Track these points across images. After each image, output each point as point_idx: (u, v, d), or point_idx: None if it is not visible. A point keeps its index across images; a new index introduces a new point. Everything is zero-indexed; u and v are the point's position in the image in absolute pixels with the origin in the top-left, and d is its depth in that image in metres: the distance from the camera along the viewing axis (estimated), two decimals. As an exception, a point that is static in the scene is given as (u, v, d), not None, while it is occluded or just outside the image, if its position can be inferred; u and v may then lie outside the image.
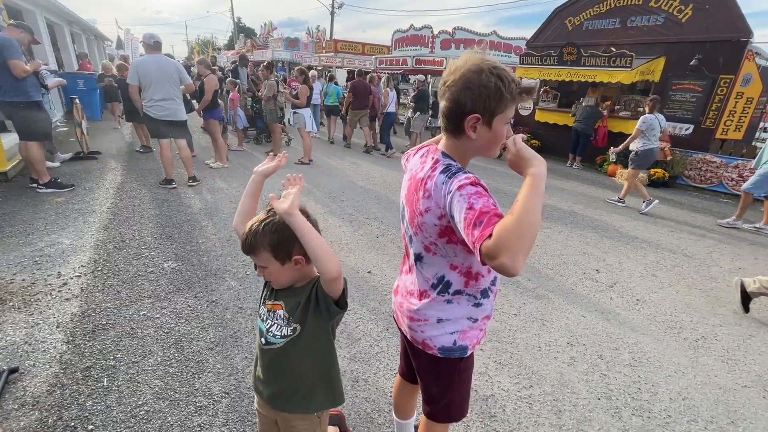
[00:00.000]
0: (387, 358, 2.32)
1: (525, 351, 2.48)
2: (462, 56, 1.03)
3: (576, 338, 2.66)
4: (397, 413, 1.66)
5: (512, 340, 2.57)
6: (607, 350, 2.56)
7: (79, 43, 14.81)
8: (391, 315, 2.74)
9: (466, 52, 1.03)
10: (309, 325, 1.13)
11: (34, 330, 2.35)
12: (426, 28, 12.81)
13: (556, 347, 2.54)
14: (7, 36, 4.33)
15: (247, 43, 28.56)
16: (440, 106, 1.09)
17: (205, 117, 6.30)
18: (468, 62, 1.00)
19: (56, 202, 4.38)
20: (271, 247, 1.07)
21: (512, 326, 2.73)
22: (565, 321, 2.85)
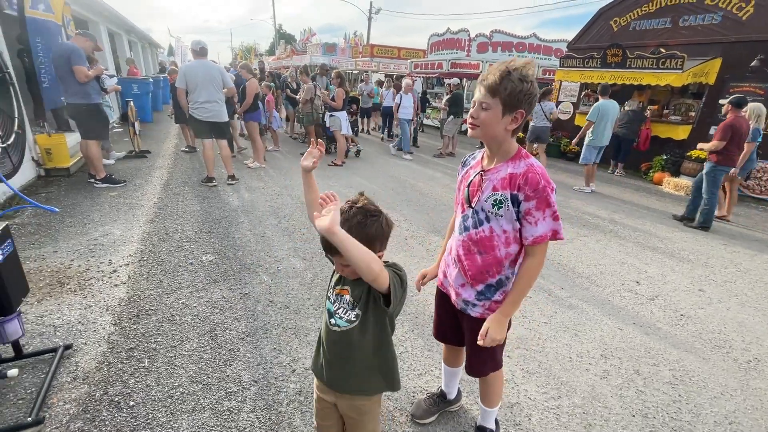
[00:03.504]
0: (411, 358, 2.32)
1: (555, 361, 2.40)
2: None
3: (611, 351, 2.53)
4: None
5: (541, 349, 2.49)
6: (645, 366, 2.42)
7: (136, 50, 15.94)
8: (416, 316, 2.75)
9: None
10: (371, 313, 1.20)
11: (87, 311, 2.56)
12: (463, 31, 12.71)
13: (589, 359, 2.44)
14: (74, 44, 4.76)
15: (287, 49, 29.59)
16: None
17: (245, 119, 6.59)
18: None
19: (110, 196, 4.74)
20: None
21: (542, 335, 2.64)
22: (599, 332, 2.72)
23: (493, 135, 1.25)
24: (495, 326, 1.35)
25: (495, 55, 12.38)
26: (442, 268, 1.59)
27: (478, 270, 1.37)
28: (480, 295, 1.40)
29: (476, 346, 1.40)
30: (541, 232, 1.24)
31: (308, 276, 3.16)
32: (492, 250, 1.32)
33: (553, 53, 12.71)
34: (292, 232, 4.03)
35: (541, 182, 1.21)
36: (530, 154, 1.30)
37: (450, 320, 1.61)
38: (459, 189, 1.45)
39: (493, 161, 1.32)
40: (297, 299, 2.83)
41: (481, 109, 1.23)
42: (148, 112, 10.84)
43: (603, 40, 8.77)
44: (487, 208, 1.28)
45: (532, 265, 1.29)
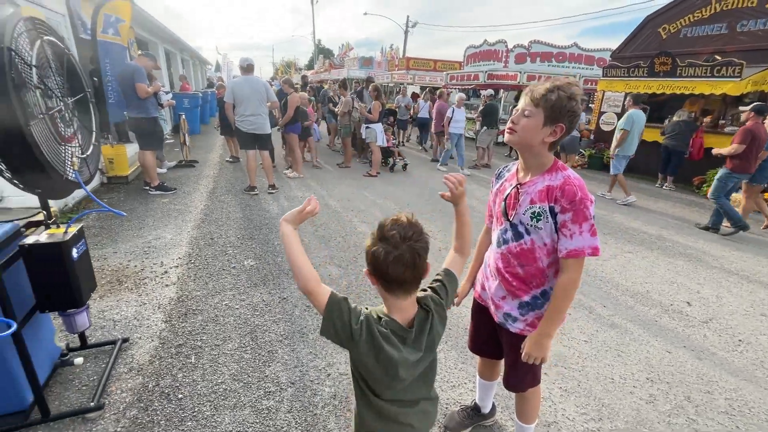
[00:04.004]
0: (444, 369, 2.31)
1: (595, 381, 2.30)
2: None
3: (658, 375, 2.39)
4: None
5: (581, 368, 2.40)
6: (696, 393, 2.26)
7: (187, 67, 17.13)
8: (449, 327, 2.73)
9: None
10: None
11: (142, 309, 2.76)
12: (500, 42, 12.62)
13: (633, 381, 2.31)
14: (137, 64, 5.23)
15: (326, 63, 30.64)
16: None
17: (285, 131, 6.89)
18: None
19: (162, 203, 5.10)
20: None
21: (582, 353, 2.54)
22: (645, 354, 2.58)
23: (528, 143, 1.26)
24: (533, 346, 1.33)
25: (534, 66, 12.17)
26: (480, 280, 1.59)
27: (520, 282, 1.36)
28: (523, 308, 1.38)
29: (515, 361, 1.39)
30: (576, 246, 1.23)
31: (343, 283, 3.24)
32: (534, 261, 1.32)
33: (596, 62, 12.33)
34: (328, 240, 4.14)
35: (579, 194, 1.20)
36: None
37: (487, 333, 1.60)
38: (494, 201, 1.46)
39: (528, 174, 1.32)
40: (332, 305, 2.90)
41: (522, 116, 1.25)
42: (196, 125, 11.57)
43: (650, 48, 8.41)
44: (525, 221, 1.29)
45: (567, 281, 1.27)
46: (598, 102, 9.54)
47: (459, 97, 8.16)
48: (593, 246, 1.22)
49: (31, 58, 1.42)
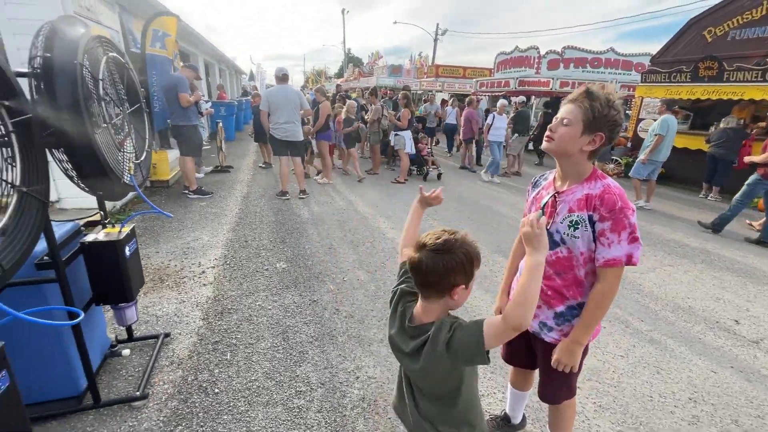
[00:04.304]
0: (473, 378, 2.29)
1: (632, 398, 2.20)
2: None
3: (701, 395, 2.26)
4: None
5: (617, 384, 2.31)
6: (745, 417, 2.13)
7: (224, 77, 17.93)
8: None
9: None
10: None
11: (181, 306, 2.91)
12: (532, 48, 12.42)
13: (674, 401, 2.20)
14: (181, 75, 5.55)
15: (355, 72, 31.17)
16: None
17: (317, 138, 7.07)
18: None
19: (200, 206, 5.35)
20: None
21: (617, 368, 2.45)
22: (687, 373, 2.45)
23: (566, 152, 1.26)
24: (563, 352, 1.32)
25: (567, 72, 11.89)
26: (514, 288, 1.59)
27: (555, 291, 1.35)
28: (559, 318, 1.37)
29: (550, 371, 1.37)
30: (613, 255, 1.21)
31: (372, 288, 3.28)
32: (571, 270, 1.30)
33: (633, 68, 11.89)
34: (357, 245, 4.21)
35: (618, 203, 1.19)
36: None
37: (521, 342, 1.58)
38: (530, 210, 1.46)
39: (566, 182, 1.32)
40: (361, 309, 2.95)
41: (561, 124, 1.25)
42: (231, 132, 12.06)
43: (694, 52, 8.03)
44: (562, 230, 1.28)
45: (602, 290, 1.25)
46: (636, 108, 9.19)
47: (501, 103, 7.87)
48: (629, 253, 1.20)
49: (98, 72, 1.56)
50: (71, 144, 1.40)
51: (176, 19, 6.41)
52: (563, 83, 11.17)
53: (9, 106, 1.01)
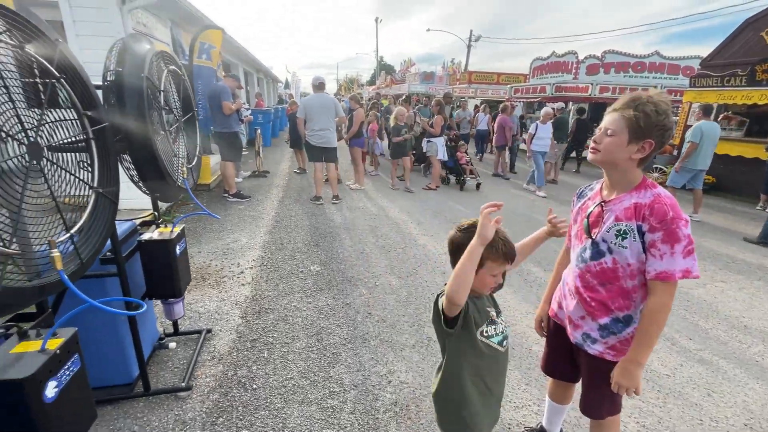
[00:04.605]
0: (507, 389, 2.24)
1: (679, 420, 2.08)
2: None
3: (759, 422, 2.10)
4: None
5: (662, 404, 2.19)
6: (810, 449, 1.95)
7: (262, 85, 18.66)
8: (512, 347, 2.65)
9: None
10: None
11: (222, 304, 3.05)
12: (570, 53, 12.09)
13: (727, 426, 2.06)
14: (224, 84, 5.85)
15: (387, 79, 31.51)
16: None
17: (350, 144, 7.21)
18: None
19: (238, 209, 5.59)
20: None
21: (663, 387, 2.32)
22: (742, 397, 2.28)
23: (613, 162, 1.23)
24: (621, 373, 1.26)
25: (607, 77, 11.47)
26: (557, 298, 1.55)
27: (600, 302, 1.31)
28: (604, 330, 1.32)
29: (594, 385, 1.33)
30: (665, 268, 1.16)
31: (403, 293, 3.29)
32: (616, 281, 1.26)
33: (681, 71, 11.30)
34: (388, 251, 4.24)
35: (670, 213, 1.14)
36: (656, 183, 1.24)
37: (563, 354, 1.54)
38: (575, 220, 1.43)
39: (614, 191, 1.28)
40: (393, 314, 2.97)
41: (605, 135, 1.23)
42: (267, 138, 12.52)
43: (751, 54, 7.53)
44: (609, 239, 1.25)
45: (655, 305, 1.20)
46: (684, 114, 8.71)
47: (545, 112, 7.37)
48: (685, 268, 1.14)
49: (160, 84, 1.70)
50: (136, 149, 1.53)
51: (221, 32, 6.78)
52: (603, 88, 10.78)
53: (90, 116, 1.13)
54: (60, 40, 1.05)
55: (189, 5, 5.96)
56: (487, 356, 1.22)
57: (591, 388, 1.41)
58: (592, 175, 9.53)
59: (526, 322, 2.94)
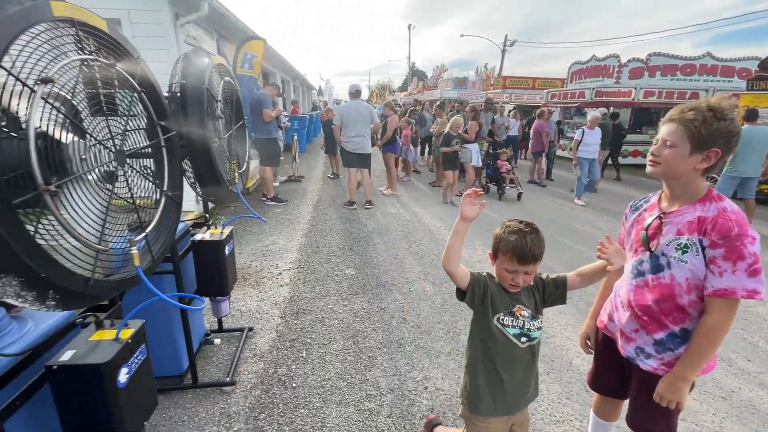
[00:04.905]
0: (546, 402, 2.19)
1: (739, 447, 1.94)
2: None
3: (831, 455, 1.92)
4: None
5: (718, 429, 2.05)
6: None
7: (297, 92, 19.25)
8: (552, 359, 2.58)
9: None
10: (542, 314, 1.39)
11: (261, 303, 3.17)
12: (612, 57, 11.65)
13: (794, 457, 1.90)
14: (265, 92, 6.11)
15: (419, 85, 31.60)
16: None
17: (384, 150, 7.29)
18: None
19: (276, 212, 5.78)
20: (540, 255, 1.30)
21: (718, 410, 2.17)
22: (811, 427, 2.10)
23: (675, 174, 1.19)
24: (666, 387, 1.21)
25: (653, 81, 10.95)
26: (607, 310, 1.50)
27: (652, 318, 1.26)
28: (659, 345, 1.27)
29: (646, 402, 1.27)
30: (725, 285, 1.10)
31: (438, 300, 3.28)
32: (674, 295, 1.21)
33: (736, 74, 10.59)
34: (422, 257, 4.24)
35: (735, 229, 1.09)
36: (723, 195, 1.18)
37: (612, 368, 1.48)
38: (629, 232, 1.38)
39: (675, 203, 1.23)
40: (428, 321, 2.97)
41: (664, 147, 1.19)
42: (302, 144, 12.85)
43: (816, 54, 6.95)
44: (668, 252, 1.20)
45: (711, 323, 1.14)
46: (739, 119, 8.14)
47: (593, 116, 6.85)
48: (751, 288, 1.08)
49: (218, 94, 1.82)
50: (196, 156, 1.64)
51: (263, 43, 7.08)
52: (647, 92, 10.31)
53: (163, 125, 1.23)
54: (141, 57, 1.16)
55: (234, 18, 6.29)
56: (500, 342, 1.33)
57: (642, 405, 1.35)
58: (633, 183, 9.09)
59: (565, 335, 2.85)
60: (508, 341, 1.32)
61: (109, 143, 1.02)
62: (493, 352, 1.34)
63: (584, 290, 3.49)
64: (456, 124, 6.57)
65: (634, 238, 1.34)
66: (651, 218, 1.27)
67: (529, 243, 1.26)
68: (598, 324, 1.55)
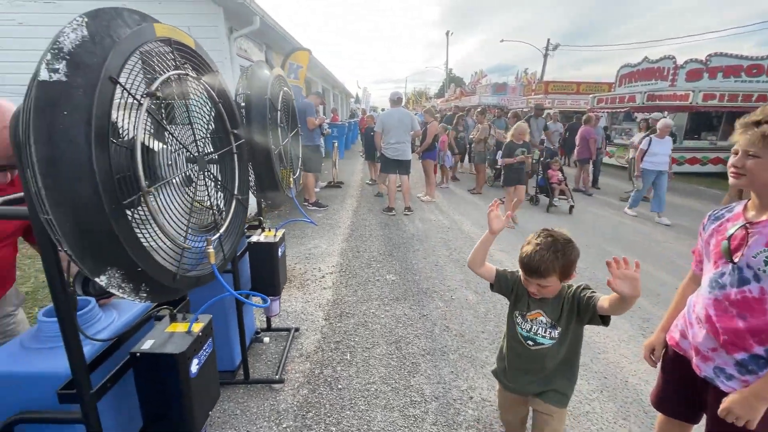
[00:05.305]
0: (600, 421, 2.08)
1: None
2: None
3: None
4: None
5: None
6: None
7: (336, 100, 19.76)
8: (605, 376, 2.45)
9: None
10: (570, 328, 1.43)
11: (306, 305, 3.26)
12: (666, 58, 10.99)
13: None
14: (310, 101, 6.32)
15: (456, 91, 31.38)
16: None
17: (423, 157, 7.29)
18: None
19: (317, 217, 5.93)
20: (562, 268, 1.34)
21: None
22: None
23: (764, 183, 1.12)
24: (740, 402, 1.13)
25: (713, 83, 10.21)
26: (679, 326, 1.40)
27: (737, 335, 1.17)
28: (741, 367, 1.17)
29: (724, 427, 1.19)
30: None
31: (481, 310, 3.23)
32: (762, 314, 1.12)
33: (812, 74, 9.65)
34: (462, 265, 4.19)
35: None
36: None
37: (682, 389, 1.39)
38: (707, 242, 1.30)
39: (764, 212, 1.15)
40: (471, 330, 2.92)
41: (746, 157, 1.12)
42: (341, 151, 13.15)
43: None
44: (755, 265, 1.12)
45: None
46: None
47: (663, 123, 6.03)
48: None
49: (277, 104, 1.92)
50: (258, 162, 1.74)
51: (309, 53, 7.35)
52: (707, 95, 9.63)
53: (235, 133, 1.33)
54: (218, 71, 1.26)
55: (283, 31, 6.58)
56: (511, 332, 1.54)
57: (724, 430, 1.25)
58: (690, 192, 8.48)
59: (619, 351, 2.71)
60: (516, 336, 1.50)
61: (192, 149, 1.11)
62: (509, 334, 1.57)
63: (639, 305, 3.30)
64: (520, 131, 5.64)
65: (713, 249, 1.25)
66: (734, 228, 1.19)
67: (536, 258, 1.32)
68: (669, 340, 1.46)
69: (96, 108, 0.77)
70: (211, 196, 1.19)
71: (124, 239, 0.82)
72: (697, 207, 7.20)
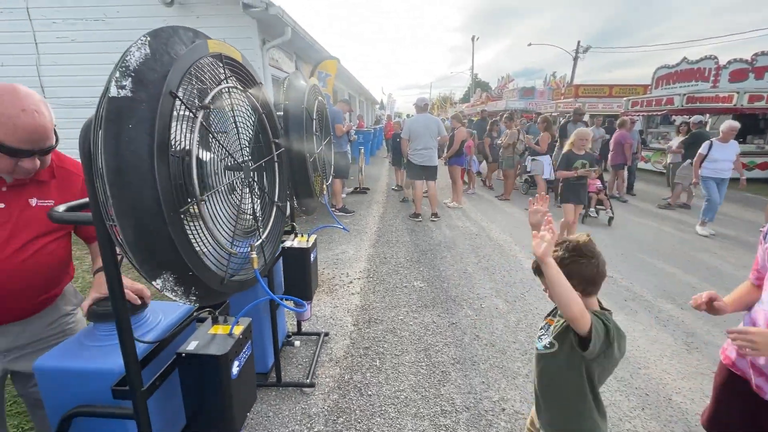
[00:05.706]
0: (643, 441, 1.98)
1: None
2: None
3: None
4: None
5: None
6: None
7: (362, 107, 19.98)
8: (647, 393, 2.33)
9: None
10: (566, 349, 1.26)
11: (335, 310, 3.29)
12: (708, 59, 10.48)
13: None
14: (338, 109, 6.43)
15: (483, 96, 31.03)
16: None
17: (450, 163, 7.25)
18: None
19: (344, 223, 6.00)
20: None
21: None
22: None
23: None
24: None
25: (761, 84, 9.64)
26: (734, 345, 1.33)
27: None
28: None
29: None
30: None
31: (512, 319, 3.15)
32: None
33: None
34: (492, 272, 4.12)
35: None
36: None
37: (738, 412, 1.30)
38: (766, 252, 1.23)
39: None
40: (502, 340, 2.86)
41: None
42: (366, 156, 13.27)
43: None
44: None
45: None
46: None
47: (728, 126, 5.41)
48: None
49: (313, 113, 1.97)
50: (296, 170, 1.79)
51: (337, 62, 7.49)
52: (753, 97, 9.08)
53: (277, 142, 1.37)
54: (262, 83, 1.31)
55: (312, 40, 6.75)
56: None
57: None
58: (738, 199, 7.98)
59: (661, 366, 2.57)
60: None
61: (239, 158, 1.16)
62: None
63: (682, 319, 3.14)
64: (581, 136, 4.40)
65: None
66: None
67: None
68: (723, 360, 1.37)
69: (158, 121, 0.82)
70: (254, 203, 1.24)
71: (179, 244, 0.87)
72: (744, 215, 6.78)
